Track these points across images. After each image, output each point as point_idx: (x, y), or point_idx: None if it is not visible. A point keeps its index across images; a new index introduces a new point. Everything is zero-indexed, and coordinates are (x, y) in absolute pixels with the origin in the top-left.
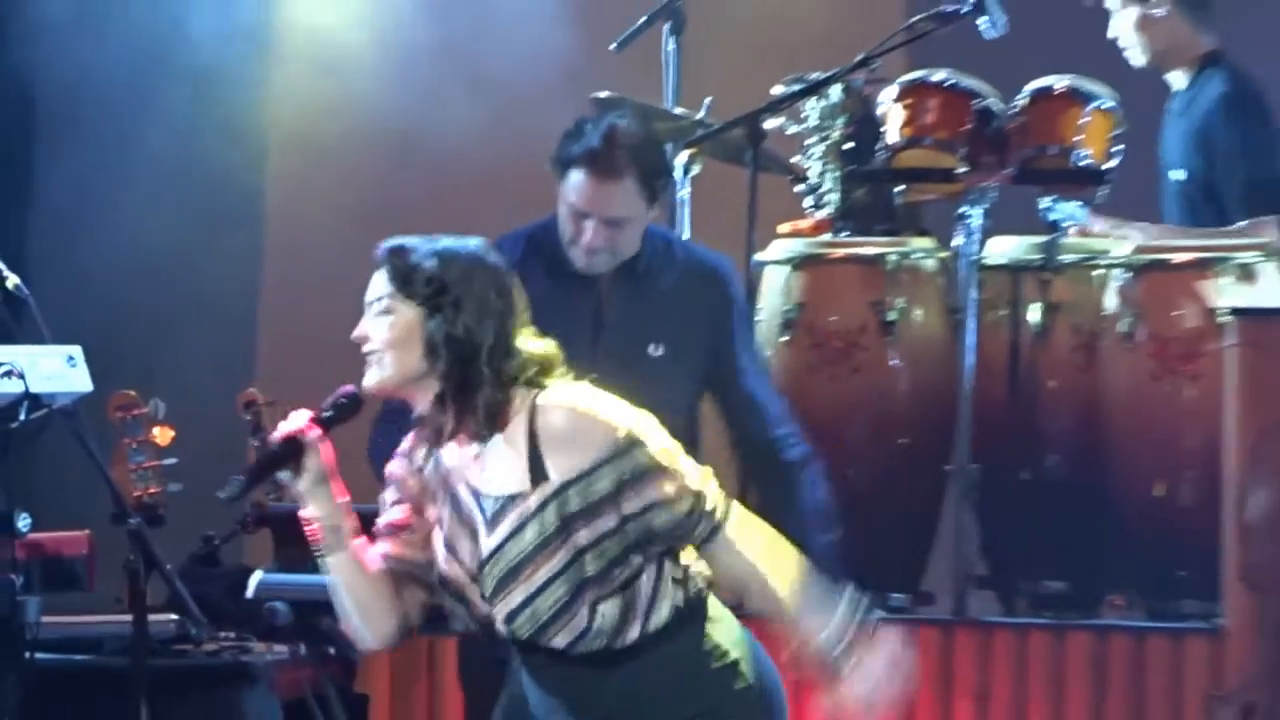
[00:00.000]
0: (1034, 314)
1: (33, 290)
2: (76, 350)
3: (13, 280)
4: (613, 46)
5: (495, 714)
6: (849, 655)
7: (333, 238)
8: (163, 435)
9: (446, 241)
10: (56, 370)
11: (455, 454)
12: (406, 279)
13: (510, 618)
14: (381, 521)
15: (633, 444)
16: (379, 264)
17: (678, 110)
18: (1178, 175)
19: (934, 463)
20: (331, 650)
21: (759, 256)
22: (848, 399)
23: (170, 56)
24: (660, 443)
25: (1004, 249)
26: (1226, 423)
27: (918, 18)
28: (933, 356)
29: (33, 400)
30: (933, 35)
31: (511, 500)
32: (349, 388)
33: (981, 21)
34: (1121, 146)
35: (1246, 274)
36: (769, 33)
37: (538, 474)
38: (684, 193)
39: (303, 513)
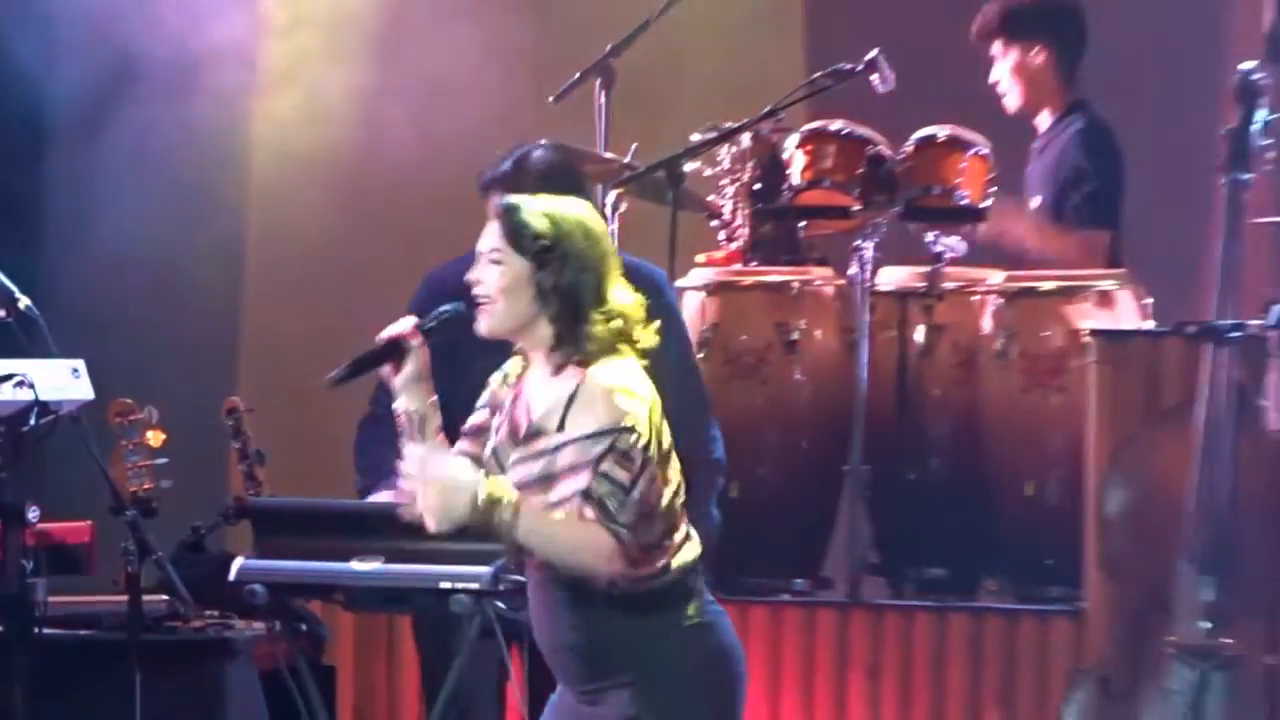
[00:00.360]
0: (919, 334)
1: (41, 309)
2: (80, 363)
3: (24, 301)
4: (551, 99)
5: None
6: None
7: (306, 263)
8: (155, 438)
9: (556, 202)
10: (63, 381)
11: (534, 381)
12: (518, 234)
13: None
14: (468, 423)
15: (631, 430)
16: (494, 218)
17: (607, 154)
18: (1035, 203)
19: (832, 464)
20: (303, 627)
21: (679, 283)
22: (756, 408)
23: (159, 77)
24: (647, 443)
25: (893, 277)
26: (1088, 430)
27: (817, 75)
28: (830, 371)
29: (42, 407)
30: (830, 90)
31: (538, 434)
32: (452, 305)
33: (873, 78)
34: (995, 188)
35: (1105, 300)
36: (688, 87)
37: (561, 424)
38: (613, 227)
39: (395, 405)
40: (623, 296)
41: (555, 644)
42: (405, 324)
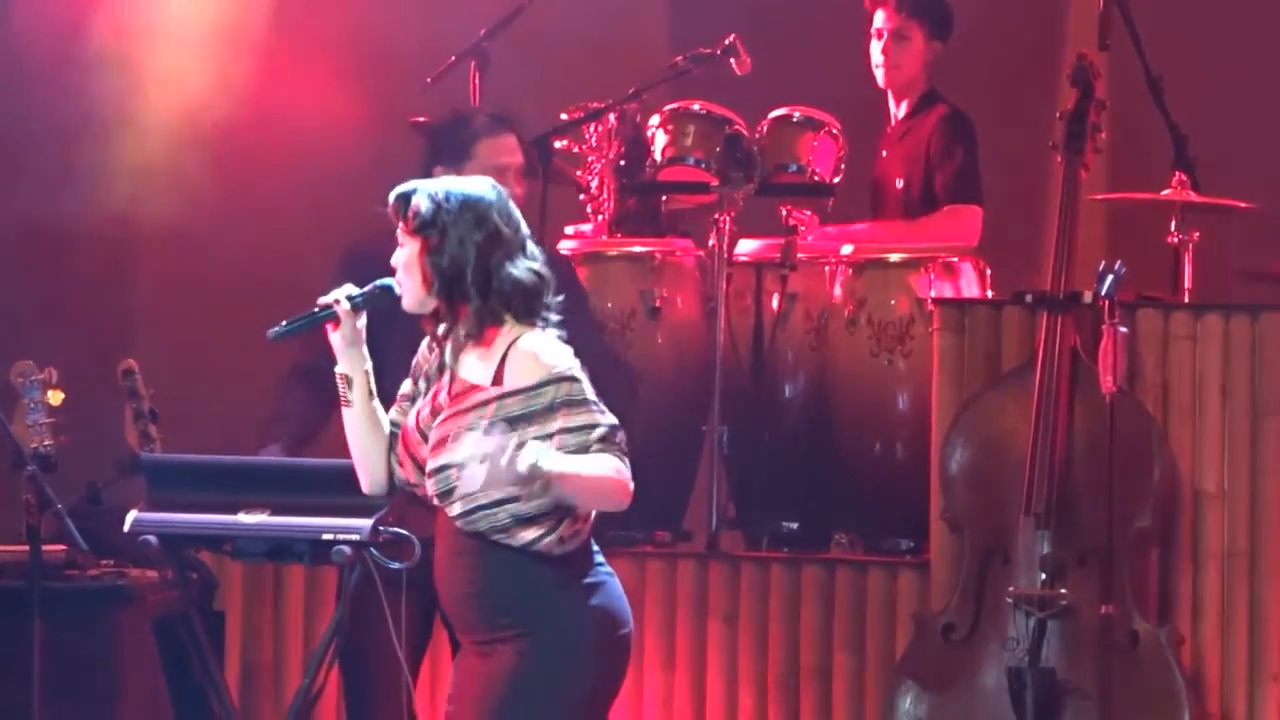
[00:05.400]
0: (774, 302)
1: None
2: None
3: None
4: (429, 80)
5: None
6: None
7: (194, 234)
8: (55, 397)
9: (446, 183)
10: None
11: (453, 351)
12: (410, 217)
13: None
14: (399, 392)
15: (573, 379)
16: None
17: None
18: (899, 184)
19: (692, 424)
20: (194, 575)
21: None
22: None
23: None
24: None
25: (749, 249)
26: (932, 393)
27: (679, 58)
28: (691, 337)
29: None
30: (691, 73)
31: (467, 390)
32: (383, 280)
33: (731, 61)
34: (843, 166)
35: (948, 271)
36: (559, 69)
37: (497, 380)
38: None
39: (337, 368)
40: (521, 271)
41: (455, 592)
42: (339, 292)
